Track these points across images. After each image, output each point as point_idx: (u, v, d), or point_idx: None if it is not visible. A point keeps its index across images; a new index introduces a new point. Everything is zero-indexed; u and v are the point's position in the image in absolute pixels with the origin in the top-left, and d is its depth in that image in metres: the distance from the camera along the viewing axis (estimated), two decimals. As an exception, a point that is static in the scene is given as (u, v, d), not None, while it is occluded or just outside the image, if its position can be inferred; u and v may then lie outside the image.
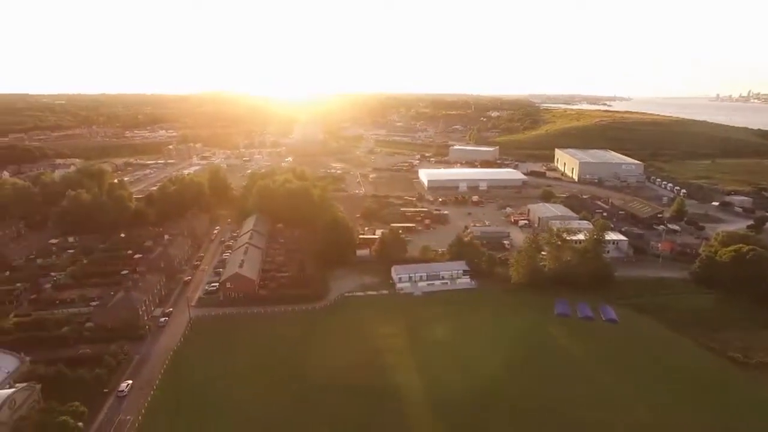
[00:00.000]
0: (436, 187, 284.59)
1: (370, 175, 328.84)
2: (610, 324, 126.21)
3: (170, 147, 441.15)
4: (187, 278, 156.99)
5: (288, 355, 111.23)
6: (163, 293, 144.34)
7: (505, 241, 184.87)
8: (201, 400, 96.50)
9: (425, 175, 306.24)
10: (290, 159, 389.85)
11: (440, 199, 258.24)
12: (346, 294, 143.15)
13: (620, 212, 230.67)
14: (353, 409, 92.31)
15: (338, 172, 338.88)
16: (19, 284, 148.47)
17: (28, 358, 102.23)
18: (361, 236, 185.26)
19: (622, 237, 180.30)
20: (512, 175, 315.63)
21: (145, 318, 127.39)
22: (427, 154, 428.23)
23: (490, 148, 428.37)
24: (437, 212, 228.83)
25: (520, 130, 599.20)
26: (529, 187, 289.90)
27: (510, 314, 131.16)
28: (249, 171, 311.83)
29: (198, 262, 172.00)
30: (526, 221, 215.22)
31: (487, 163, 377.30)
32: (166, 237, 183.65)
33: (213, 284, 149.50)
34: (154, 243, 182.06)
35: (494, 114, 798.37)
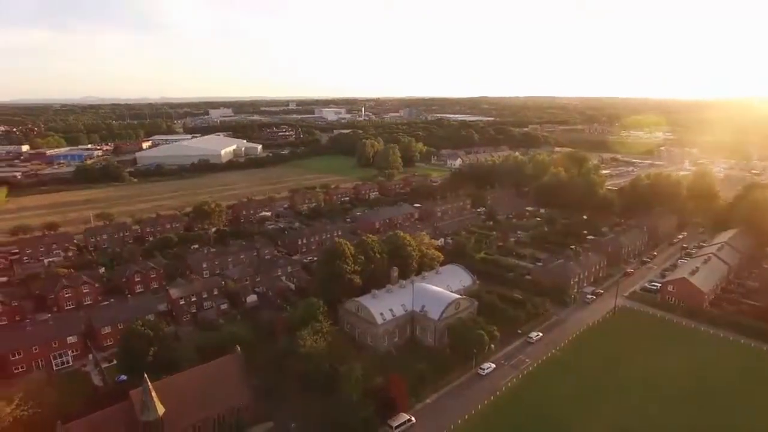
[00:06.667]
0: None
1: None
2: None
3: (662, 148, 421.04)
4: (630, 270, 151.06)
5: (704, 388, 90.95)
6: (600, 275, 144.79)
7: None
8: (589, 377, 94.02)
9: None
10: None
11: None
12: None
13: None
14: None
15: None
16: (494, 233, 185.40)
17: (477, 282, 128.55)
18: None
19: None
20: None
21: (575, 289, 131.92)
22: None
23: None
24: None
25: None
26: None
27: None
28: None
29: (648, 259, 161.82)
30: None
31: None
32: (621, 228, 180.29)
33: (654, 283, 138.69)
34: (609, 230, 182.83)
35: None
